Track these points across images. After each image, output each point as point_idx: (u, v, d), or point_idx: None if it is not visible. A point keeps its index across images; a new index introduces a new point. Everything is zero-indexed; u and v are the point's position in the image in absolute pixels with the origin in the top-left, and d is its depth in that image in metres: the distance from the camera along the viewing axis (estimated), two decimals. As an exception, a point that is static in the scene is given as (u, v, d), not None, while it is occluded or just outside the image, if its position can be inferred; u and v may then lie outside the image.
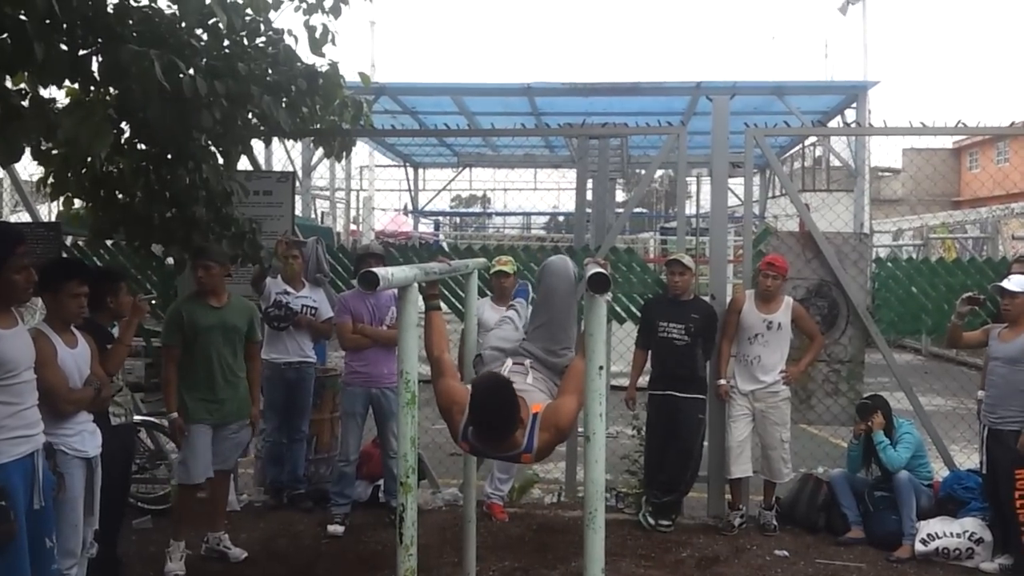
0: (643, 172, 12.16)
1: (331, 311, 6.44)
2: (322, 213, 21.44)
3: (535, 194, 26.75)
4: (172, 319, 5.27)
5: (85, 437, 4.10)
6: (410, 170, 25.16)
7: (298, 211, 8.97)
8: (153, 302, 4.95)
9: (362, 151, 21.10)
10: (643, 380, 6.42)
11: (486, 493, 6.32)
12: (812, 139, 21.19)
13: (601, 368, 3.05)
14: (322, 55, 5.46)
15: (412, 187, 25.46)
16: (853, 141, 15.81)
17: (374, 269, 2.61)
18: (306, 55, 5.43)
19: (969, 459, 6.79)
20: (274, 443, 6.51)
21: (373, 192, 22.47)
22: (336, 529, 5.93)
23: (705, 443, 6.29)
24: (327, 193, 21.90)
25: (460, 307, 6.31)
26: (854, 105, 15.10)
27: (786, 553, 5.69)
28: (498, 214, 31.33)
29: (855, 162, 15.67)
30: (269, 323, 6.36)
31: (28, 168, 7.09)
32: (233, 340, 5.37)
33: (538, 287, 3.89)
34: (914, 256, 16.52)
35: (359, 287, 2.72)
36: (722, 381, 6.24)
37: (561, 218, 26.17)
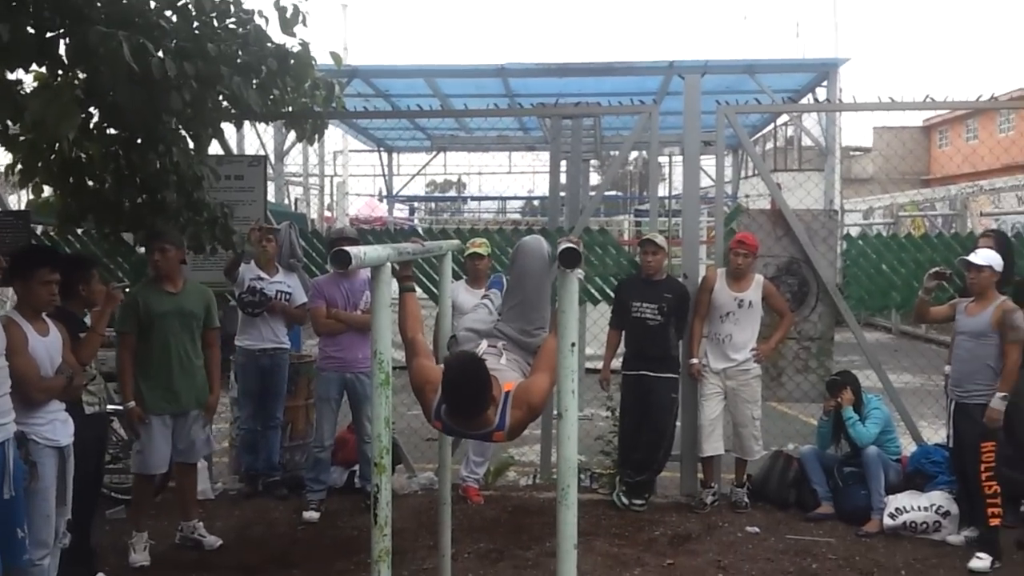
0: (616, 153, 12.21)
1: (305, 296, 6.42)
2: (296, 199, 21.30)
3: (509, 177, 26.79)
4: (127, 305, 5.12)
5: (57, 426, 4.07)
6: (384, 155, 25.05)
7: (271, 197, 8.93)
8: (127, 290, 4.88)
9: (336, 136, 21.01)
10: (616, 363, 6.47)
11: (461, 476, 6.35)
12: (784, 119, 21.31)
13: (573, 345, 3.08)
14: (293, 35, 5.41)
15: (386, 172, 25.36)
16: (824, 120, 15.95)
17: (346, 248, 2.60)
18: (277, 36, 5.39)
19: (937, 434, 6.91)
20: (248, 431, 6.49)
21: (347, 177, 22.35)
22: (311, 515, 5.93)
23: (678, 422, 6.36)
24: (300, 179, 21.76)
25: (435, 290, 6.31)
26: (825, 84, 15.22)
27: (757, 529, 5.78)
28: (473, 198, 31.29)
29: (826, 139, 15.82)
30: (243, 308, 6.34)
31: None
32: (190, 326, 5.28)
33: (512, 267, 3.87)
34: (884, 234, 16.70)
35: (331, 266, 2.72)
36: (694, 360, 6.30)
37: (536, 202, 26.18)
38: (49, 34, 4.05)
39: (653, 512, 6.10)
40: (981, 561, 5.14)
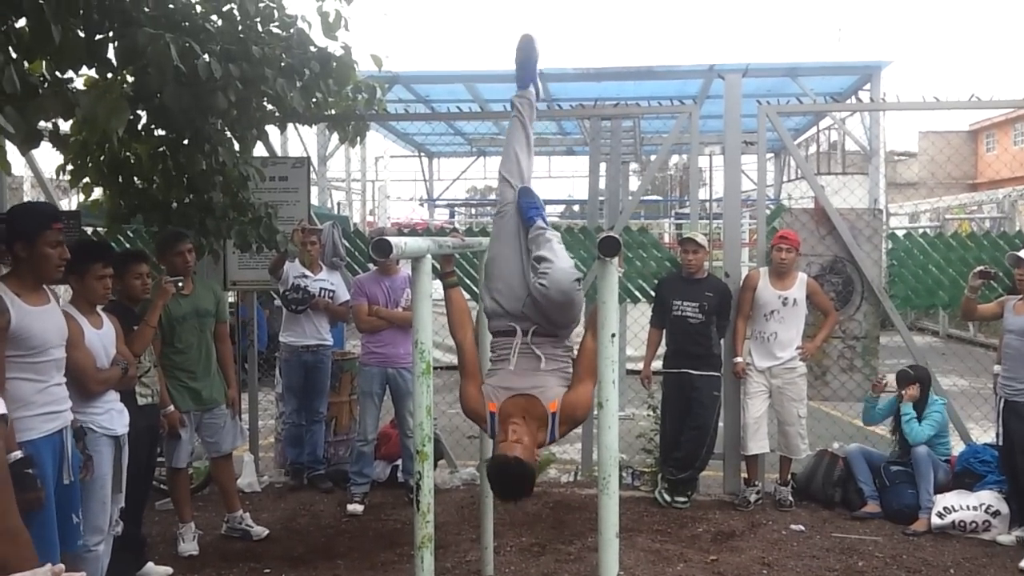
0: (655, 157, 12.18)
1: (347, 294, 6.52)
2: (338, 203, 21.55)
3: (549, 181, 26.78)
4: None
5: (113, 416, 4.17)
6: (425, 159, 25.21)
7: (314, 200, 9.04)
8: (179, 285, 4.98)
9: (377, 141, 21.19)
10: (657, 364, 6.45)
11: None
12: (827, 123, 21.06)
13: (614, 336, 3.09)
14: (335, 39, 5.49)
15: (427, 177, 25.52)
16: (868, 121, 15.73)
17: (387, 237, 2.65)
18: (320, 40, 5.49)
19: (987, 433, 6.78)
20: (293, 424, 6.60)
21: (388, 182, 22.54)
22: (355, 508, 6.01)
23: (720, 421, 6.32)
24: (343, 184, 22.00)
25: (475, 289, 6.35)
26: (868, 87, 15.01)
27: (802, 528, 5.72)
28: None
29: (870, 141, 15.60)
30: (287, 305, 6.45)
31: (49, 164, 7.21)
32: (207, 325, 5.36)
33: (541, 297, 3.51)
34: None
35: (373, 254, 2.77)
36: (738, 359, 6.26)
37: (576, 207, 26.17)
38: (98, 36, 4.15)
39: (696, 510, 6.07)
40: (1033, 561, 5.04)
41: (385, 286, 6.15)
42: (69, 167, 5.18)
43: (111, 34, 4.15)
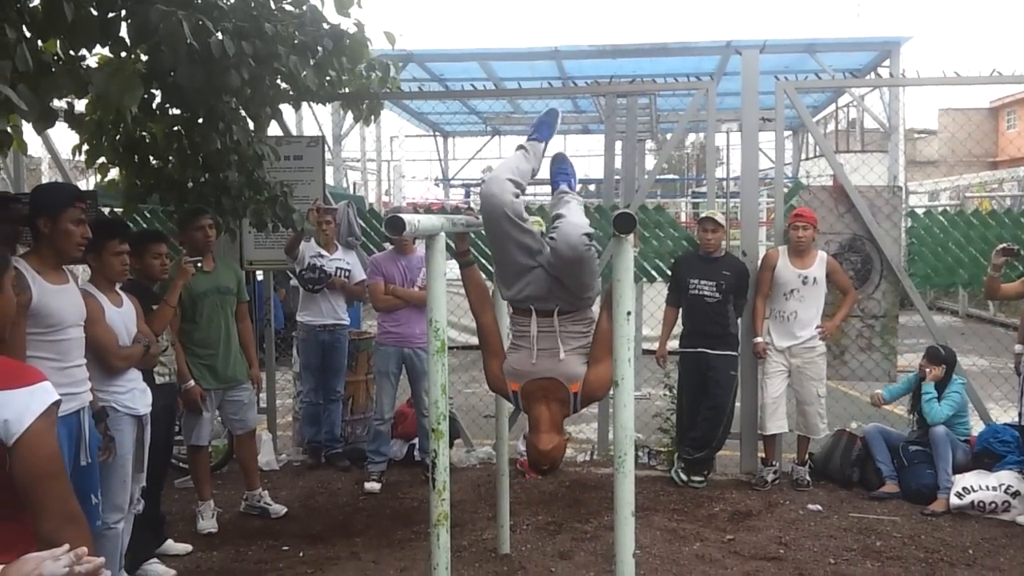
0: (672, 135, 12.10)
1: (363, 274, 6.51)
2: (354, 183, 21.55)
3: (565, 161, 26.63)
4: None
5: (136, 395, 4.18)
6: (440, 139, 25.16)
7: (329, 180, 9.04)
8: (199, 265, 4.99)
9: (392, 120, 21.15)
10: (673, 344, 6.41)
11: (519, 451, 6.38)
12: (845, 100, 20.84)
13: (629, 314, 3.07)
14: (348, 16, 5.45)
15: (442, 156, 25.48)
16: (888, 97, 15.55)
17: (400, 215, 2.63)
18: (333, 17, 5.44)
19: (1007, 413, 6.72)
20: (311, 404, 6.63)
21: (403, 161, 22.52)
22: (373, 486, 6.04)
23: (737, 401, 6.29)
24: (358, 164, 21.99)
25: (490, 268, 6.33)
26: (887, 63, 14.83)
27: (819, 507, 5.70)
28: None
29: (889, 117, 15.42)
30: (303, 285, 6.46)
31: (65, 145, 7.22)
32: (228, 302, 5.39)
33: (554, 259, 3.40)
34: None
35: (386, 231, 2.75)
36: (758, 339, 6.20)
37: (592, 186, 26.06)
38: (111, 15, 4.13)
39: (712, 489, 6.05)
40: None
41: (401, 265, 6.14)
42: (85, 147, 5.18)
43: (124, 12, 4.12)
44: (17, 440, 1.90)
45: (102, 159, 5.25)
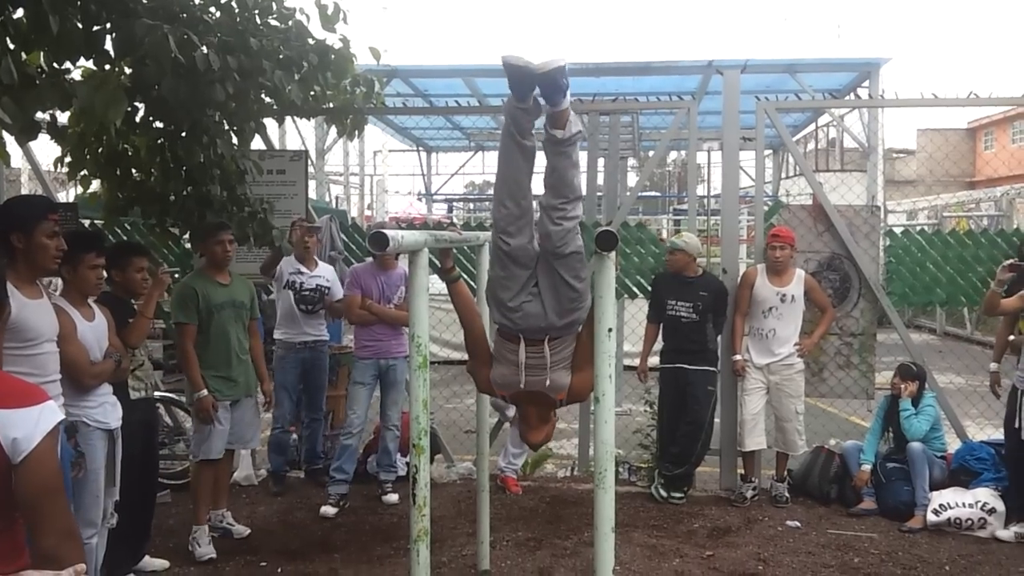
0: (653, 152, 12.17)
1: (342, 291, 6.42)
2: (336, 198, 21.51)
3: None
4: (186, 296, 5.16)
5: (107, 409, 4.15)
6: (423, 154, 25.19)
7: (312, 194, 9.03)
8: (175, 276, 4.96)
9: (376, 135, 21.16)
10: (655, 360, 6.45)
11: (499, 467, 6.37)
12: (825, 119, 21.06)
13: (610, 330, 3.09)
14: (334, 31, 5.49)
15: (425, 171, 25.51)
16: (867, 118, 15.74)
17: (384, 230, 2.64)
18: (318, 33, 5.48)
19: (983, 431, 6.81)
20: (281, 430, 6.45)
21: (387, 176, 22.51)
22: (327, 510, 5.82)
23: (716, 417, 6.33)
24: (341, 178, 21.97)
25: (473, 284, 6.34)
26: (867, 84, 15.01)
27: (798, 524, 5.73)
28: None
29: (868, 137, 15.60)
30: (299, 304, 6.31)
31: (47, 156, 7.20)
32: (242, 317, 5.38)
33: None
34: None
35: (370, 247, 2.75)
36: (737, 357, 6.25)
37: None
38: (96, 27, 4.14)
39: (692, 505, 6.07)
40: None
41: (380, 280, 6.07)
42: (67, 159, 5.17)
43: (109, 25, 4.13)
44: (24, 458, 1.92)
45: (84, 171, 5.24)
